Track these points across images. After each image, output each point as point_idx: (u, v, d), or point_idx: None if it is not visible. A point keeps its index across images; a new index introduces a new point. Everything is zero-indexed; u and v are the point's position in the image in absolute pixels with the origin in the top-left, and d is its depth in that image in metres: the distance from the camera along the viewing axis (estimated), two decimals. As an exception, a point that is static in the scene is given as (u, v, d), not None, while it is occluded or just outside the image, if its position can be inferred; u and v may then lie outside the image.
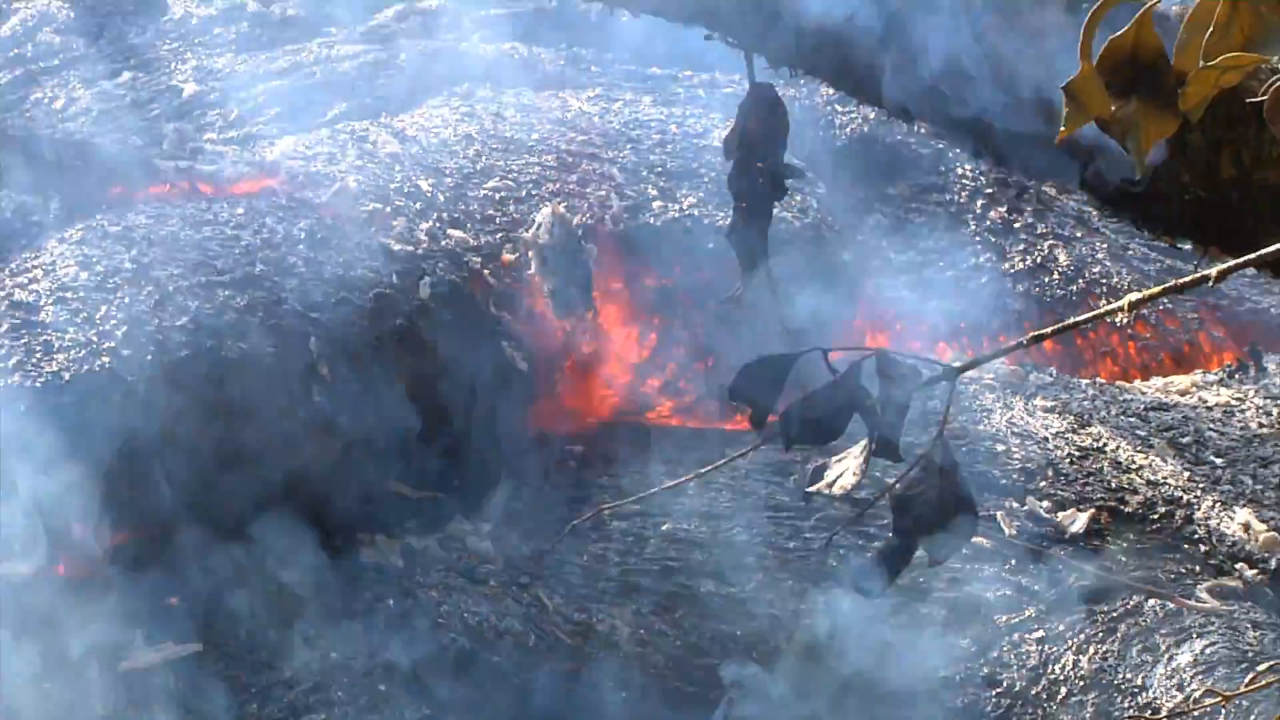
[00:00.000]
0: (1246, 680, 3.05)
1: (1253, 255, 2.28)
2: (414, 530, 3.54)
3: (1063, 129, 2.02)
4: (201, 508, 3.46)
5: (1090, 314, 2.91)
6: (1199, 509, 3.48)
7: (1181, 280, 2.31)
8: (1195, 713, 3.14)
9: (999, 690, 3.20)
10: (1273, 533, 3.49)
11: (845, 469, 2.09)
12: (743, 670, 3.36)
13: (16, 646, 3.31)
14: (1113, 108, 1.99)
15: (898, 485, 2.09)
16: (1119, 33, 2.04)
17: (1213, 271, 2.29)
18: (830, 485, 2.10)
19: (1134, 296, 2.62)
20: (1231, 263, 2.39)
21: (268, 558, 3.45)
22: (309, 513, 3.52)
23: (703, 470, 3.17)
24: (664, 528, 3.45)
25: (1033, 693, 3.19)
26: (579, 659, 3.40)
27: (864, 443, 2.08)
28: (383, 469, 3.63)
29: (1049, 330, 2.45)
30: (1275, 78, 2.03)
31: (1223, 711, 3.09)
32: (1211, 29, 1.96)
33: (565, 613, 3.40)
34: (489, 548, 3.51)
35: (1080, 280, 4.08)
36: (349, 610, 3.42)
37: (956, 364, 2.19)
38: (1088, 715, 3.13)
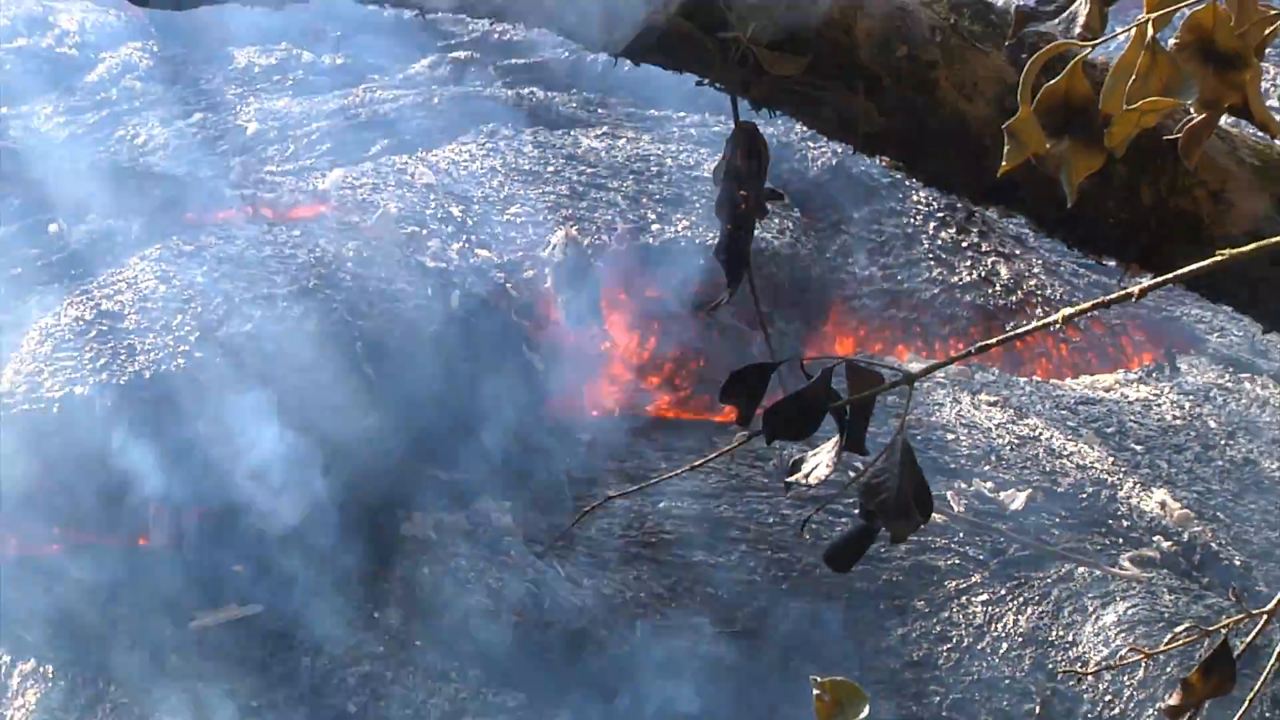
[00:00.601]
0: (1166, 640, 3.06)
1: (1170, 275, 2.30)
2: (445, 507, 3.53)
3: (1005, 164, 2.03)
4: (257, 491, 3.46)
5: (1030, 326, 2.93)
6: (1121, 489, 3.48)
7: (1109, 297, 2.32)
8: (1119, 666, 3.15)
9: (948, 645, 3.20)
10: (1185, 510, 3.50)
11: (819, 461, 2.10)
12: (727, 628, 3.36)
13: (108, 608, 3.31)
14: (1048, 145, 2.00)
15: (864, 475, 2.10)
16: (1054, 80, 2.05)
17: (1134, 290, 2.30)
18: (806, 475, 2.11)
19: (1068, 311, 2.64)
20: (1152, 280, 2.41)
21: (319, 532, 3.44)
22: (354, 492, 3.51)
23: (696, 463, 3.18)
24: (660, 505, 3.45)
25: (979, 647, 3.19)
26: (585, 617, 3.39)
27: (835, 439, 2.09)
28: (418, 454, 3.63)
29: (994, 340, 2.45)
30: (1187, 119, 2.05)
31: (1143, 666, 3.09)
32: (1134, 77, 1.97)
33: (575, 579, 3.40)
34: (510, 522, 3.51)
35: (1019, 291, 4.08)
36: (388, 575, 3.41)
37: (914, 370, 2.20)
38: (1026, 667, 3.13)
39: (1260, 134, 2.48)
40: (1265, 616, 1.98)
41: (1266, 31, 1.98)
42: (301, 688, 3.32)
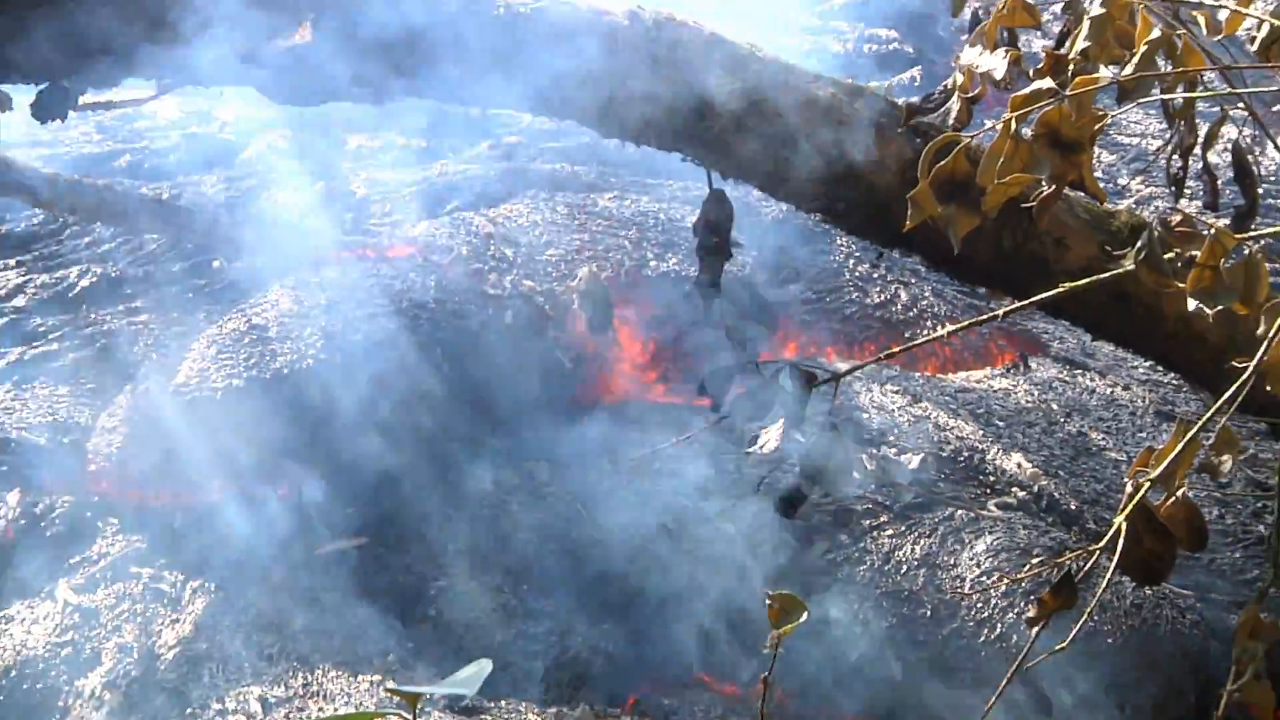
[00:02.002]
0: (1026, 568, 3.05)
1: (1026, 301, 2.28)
2: (500, 465, 3.52)
3: (909, 223, 2.01)
4: (363, 454, 3.46)
5: (924, 339, 2.90)
6: (988, 454, 3.48)
7: (982, 317, 2.30)
8: (989, 585, 3.14)
9: (864, 567, 3.18)
10: (1035, 469, 3.49)
11: (770, 437, 2.10)
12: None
13: (257, 542, 3.32)
14: (940, 209, 1.98)
15: (803, 447, 2.10)
16: (943, 161, 2.03)
17: (1000, 311, 2.28)
18: (761, 447, 2.11)
19: (951, 327, 2.61)
20: (1012, 305, 2.40)
21: (406, 485, 3.44)
22: (433, 451, 3.51)
23: (685, 435, 3.15)
24: (655, 466, 3.43)
25: (886, 568, 3.18)
26: (603, 545, 3.38)
27: (782, 421, 2.09)
28: (479, 426, 3.62)
29: (897, 349, 2.43)
30: (1040, 189, 2.03)
31: (1004, 585, 3.08)
32: (1001, 159, 1.95)
33: (595, 518, 3.39)
34: (547, 476, 3.49)
35: (915, 310, 4.06)
36: (456, 516, 3.40)
37: (840, 369, 2.18)
38: (920, 582, 3.12)
39: (1090, 197, 2.46)
40: (1097, 551, 1.95)
41: (1096, 126, 1.96)
42: (395, 596, 3.32)
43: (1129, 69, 1.99)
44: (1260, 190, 3.85)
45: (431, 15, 2.75)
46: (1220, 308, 1.91)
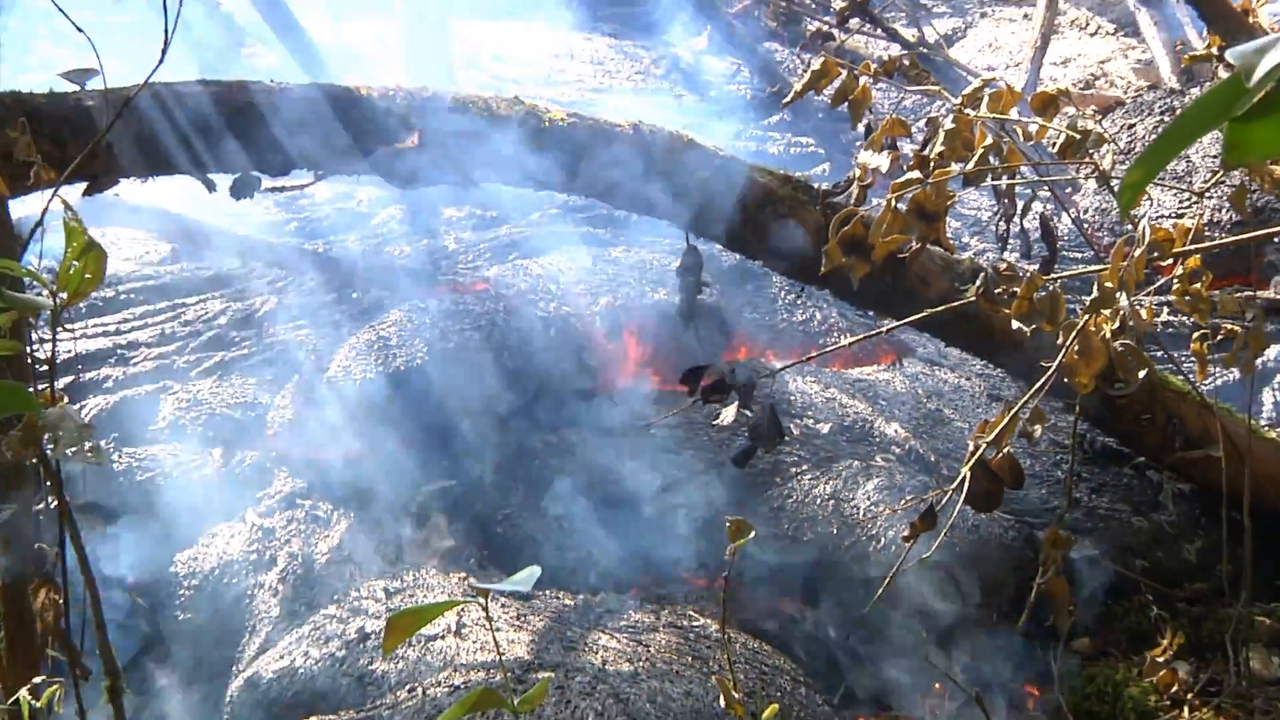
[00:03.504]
0: (902, 501, 3.03)
1: (901, 322, 2.27)
2: (548, 432, 3.52)
3: (823, 269, 2.01)
4: (452, 424, 3.47)
5: (834, 347, 2.90)
6: (875, 423, 3.45)
7: (872, 331, 2.29)
8: (877, 513, 3.12)
9: (792, 501, 3.16)
10: (907, 433, 3.47)
11: (728, 413, 2.09)
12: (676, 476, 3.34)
13: (377, 486, 3.33)
14: (844, 259, 1.98)
15: (751, 419, 2.10)
16: (846, 226, 2.03)
17: (884, 328, 2.27)
18: (723, 419, 2.10)
19: (850, 339, 2.60)
20: (892, 324, 2.39)
21: (479, 445, 3.44)
22: (497, 426, 3.48)
23: (675, 411, 3.14)
24: (651, 432, 3.43)
25: (805, 501, 3.16)
26: (626, 486, 3.39)
27: (736, 402, 2.09)
28: (531, 407, 3.62)
29: (815, 353, 2.42)
30: (911, 245, 2.03)
31: (887, 513, 3.06)
32: (885, 225, 1.95)
33: (610, 468, 3.40)
34: (576, 440, 3.49)
35: (826, 325, 4.04)
36: (517, 469, 3.40)
37: (776, 366, 2.17)
38: (829, 511, 3.10)
39: (944, 250, 2.45)
40: (949, 490, 1.95)
41: (948, 202, 1.95)
42: (473, 521, 3.32)
43: (971, 164, 1.99)
44: (1059, 245, 3.83)
45: (499, 128, 2.75)
46: (1033, 326, 1.90)
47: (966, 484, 1.88)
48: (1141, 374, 1.97)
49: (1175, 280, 2.21)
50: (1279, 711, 2.61)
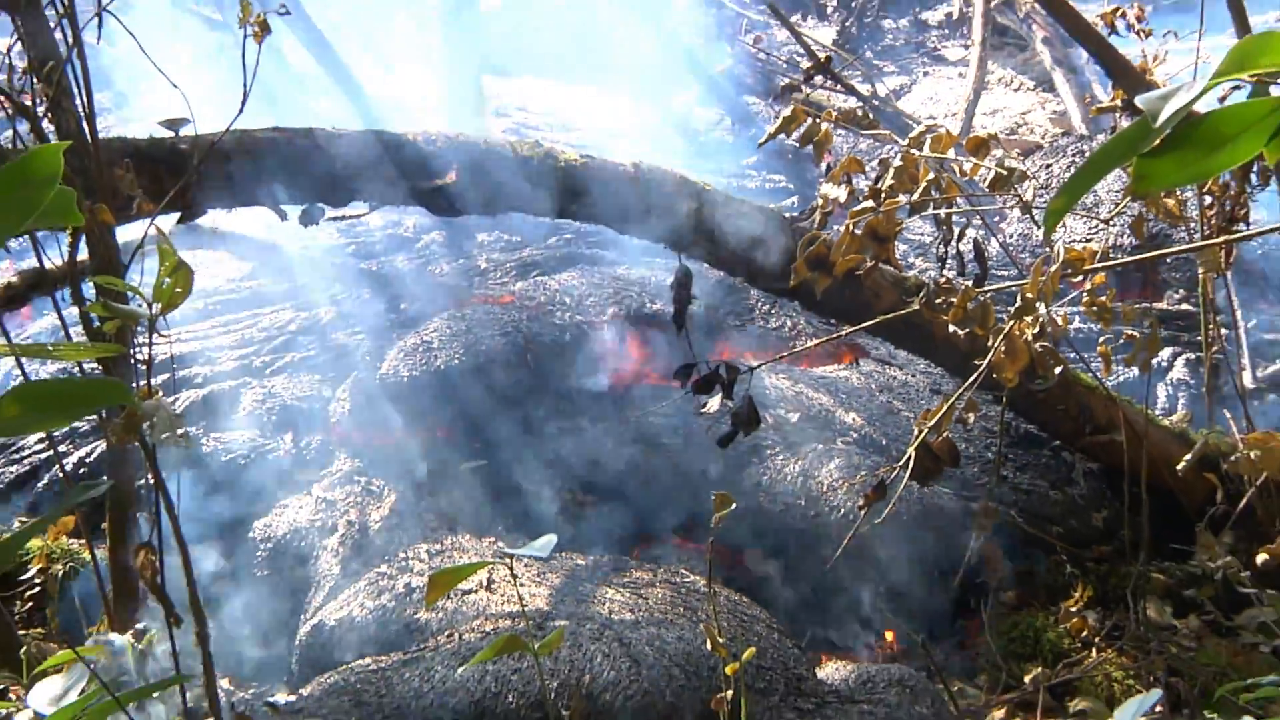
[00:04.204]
0: (858, 476, 3.02)
1: (857, 327, 2.26)
2: (561, 418, 3.50)
3: (792, 282, 2.00)
4: (484, 412, 3.45)
5: (802, 349, 2.89)
6: (836, 412, 3.44)
7: (833, 335, 2.28)
8: (838, 487, 3.10)
9: (766, 477, 3.14)
10: (863, 421, 3.45)
11: (713, 403, 2.09)
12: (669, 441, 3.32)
13: (425, 462, 3.32)
14: (809, 275, 1.98)
15: (732, 408, 2.10)
16: (811, 247, 2.02)
17: (843, 332, 2.27)
18: (709, 409, 2.10)
19: (815, 342, 2.59)
20: (850, 329, 2.38)
21: (506, 430, 3.42)
22: (521, 414, 3.44)
23: (665, 403, 3.13)
24: (649, 419, 3.42)
25: (777, 477, 3.15)
26: (621, 464, 3.37)
27: (720, 394, 2.08)
28: (546, 394, 3.58)
29: (786, 354, 2.42)
30: (865, 263, 2.02)
31: (846, 486, 3.04)
32: (844, 246, 1.94)
33: (615, 449, 3.37)
34: (588, 425, 3.46)
35: (795, 330, 4.02)
36: (535, 447, 3.38)
37: (753, 365, 2.16)
38: (798, 486, 3.09)
39: (894, 268, 2.43)
40: (897, 468, 1.94)
41: (897, 228, 1.93)
42: (502, 494, 3.31)
43: (916, 196, 1.98)
44: (989, 264, 3.81)
45: (523, 169, 2.74)
46: (967, 330, 1.90)
47: (912, 463, 1.87)
48: (1057, 371, 1.96)
49: (1085, 293, 2.20)
50: (1170, 652, 2.61)
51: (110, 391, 0.59)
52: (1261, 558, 2.45)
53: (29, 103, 1.96)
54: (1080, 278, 2.06)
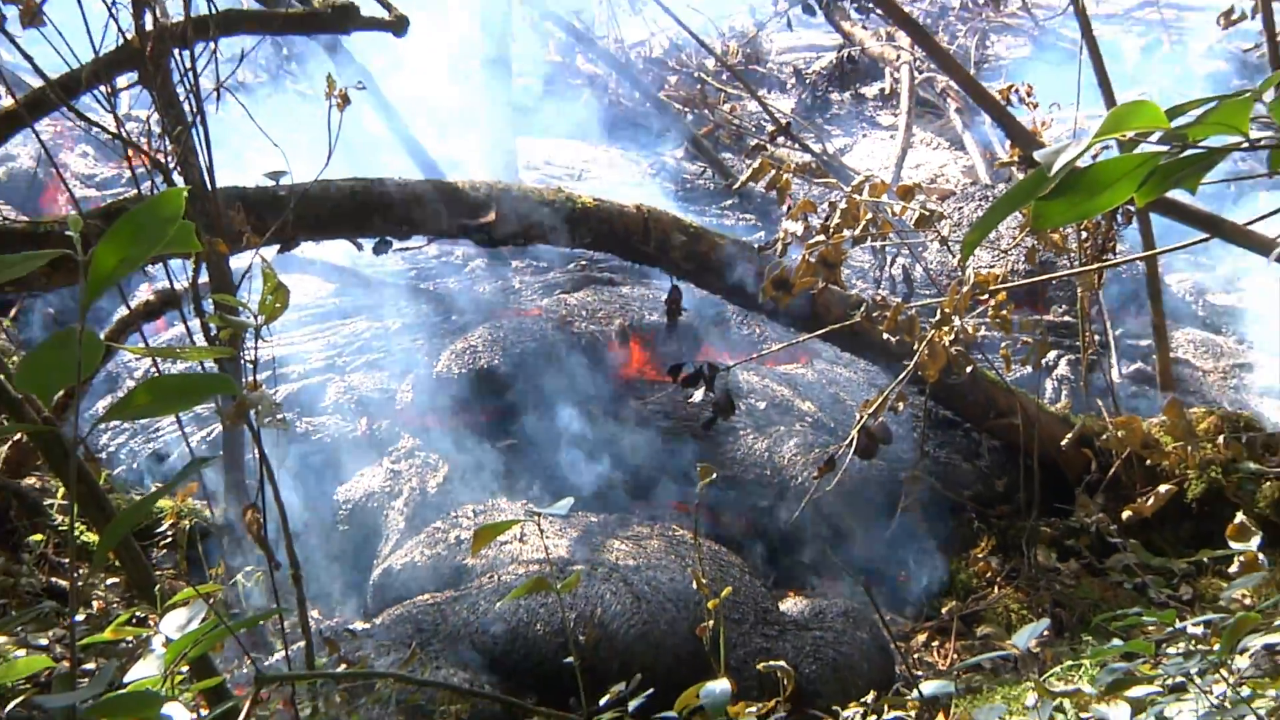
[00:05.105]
0: (813, 452, 3.00)
1: (813, 334, 2.26)
2: (576, 405, 3.42)
3: (761, 299, 2.00)
4: (515, 402, 3.39)
5: (769, 351, 2.88)
6: (795, 401, 3.40)
7: (794, 340, 2.27)
8: (797, 461, 3.07)
9: (741, 452, 3.10)
10: (816, 408, 3.43)
11: (698, 393, 2.08)
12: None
13: (469, 441, 3.28)
14: (774, 293, 1.97)
15: (713, 397, 2.09)
16: (775, 272, 2.01)
17: (801, 339, 2.26)
18: (694, 398, 2.09)
19: (778, 346, 2.58)
20: (807, 335, 2.37)
21: (532, 415, 3.35)
22: (544, 402, 3.29)
23: (659, 394, 3.09)
24: (647, 406, 3.39)
25: (749, 453, 3.11)
26: (624, 442, 3.30)
27: (704, 387, 2.08)
28: (569, 380, 3.47)
29: (755, 355, 2.40)
30: (818, 285, 2.02)
31: (803, 460, 3.02)
32: (801, 271, 1.94)
33: (619, 430, 3.32)
34: (599, 412, 3.41)
35: (763, 336, 3.98)
36: (555, 429, 3.25)
37: (730, 364, 2.15)
38: (765, 460, 3.05)
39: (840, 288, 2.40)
40: (844, 445, 1.93)
41: (843, 256, 1.92)
42: (529, 466, 3.27)
43: (857, 231, 1.98)
44: (915, 285, 3.80)
45: (547, 208, 2.73)
46: (898, 337, 1.89)
47: (855, 442, 1.87)
48: (969, 370, 1.96)
49: (990, 309, 2.20)
50: (1055, 589, 2.61)
51: (222, 384, 0.59)
52: (1126, 514, 2.45)
53: (162, 159, 1.96)
54: (987, 296, 2.06)
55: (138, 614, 2.03)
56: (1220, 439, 2.70)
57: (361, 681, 1.71)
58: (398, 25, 2.66)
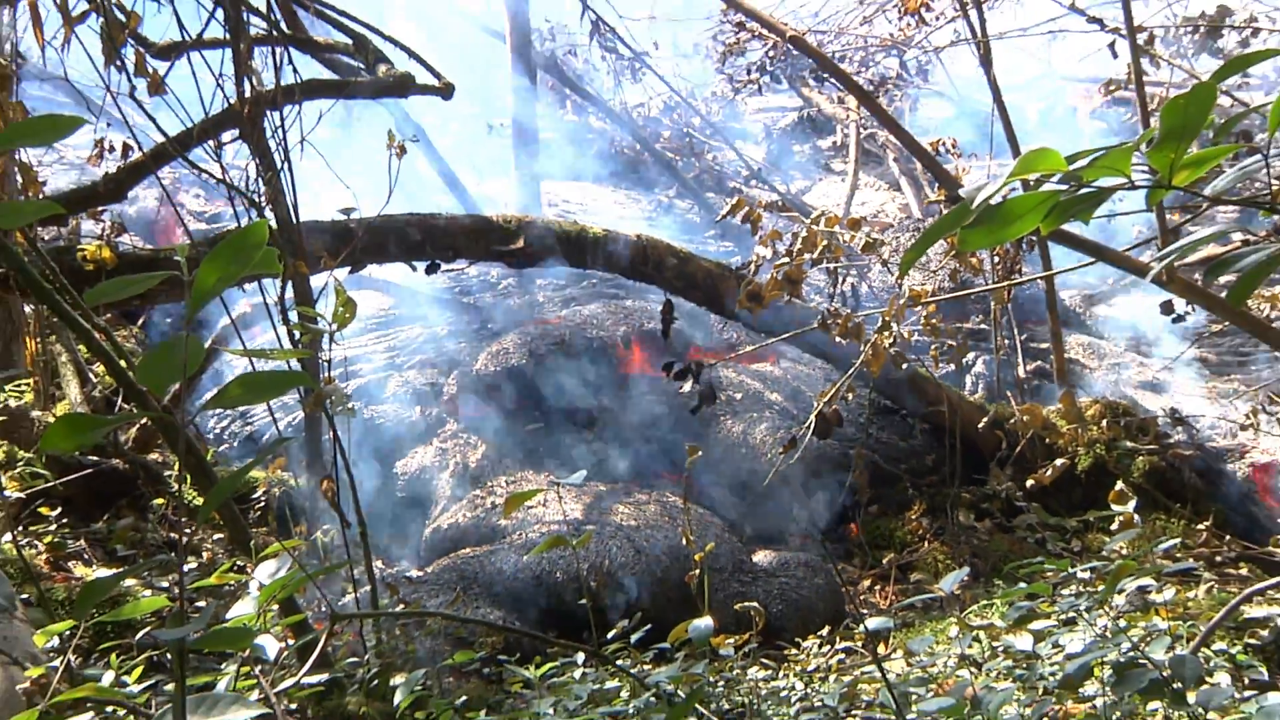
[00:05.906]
0: (778, 434, 2.98)
1: (778, 338, 2.24)
2: (589, 397, 3.35)
3: (735, 309, 1.99)
4: (540, 392, 3.31)
5: (745, 351, 2.85)
6: (766, 392, 3.34)
7: (764, 343, 2.26)
8: (769, 441, 3.03)
9: (732, 438, 3.06)
10: (783, 398, 3.39)
11: (687, 386, 2.07)
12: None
13: (504, 424, 3.24)
14: (748, 304, 1.96)
15: (699, 388, 2.09)
16: (750, 287, 2.00)
17: (769, 341, 2.25)
18: (683, 389, 2.08)
19: (751, 348, 2.56)
20: (774, 339, 2.37)
21: (555, 403, 3.27)
22: (563, 393, 3.24)
23: (660, 385, 3.05)
24: (647, 398, 3.35)
25: (730, 435, 3.08)
26: (628, 426, 3.24)
27: (692, 380, 2.07)
28: (580, 384, 3.45)
29: (733, 355, 2.38)
30: (784, 297, 2.01)
31: (773, 440, 2.98)
32: (770, 285, 1.93)
33: (626, 417, 3.27)
34: (609, 403, 3.36)
35: (740, 339, 3.94)
36: (573, 415, 3.26)
37: (712, 361, 2.14)
38: (740, 440, 3.01)
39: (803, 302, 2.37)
40: (803, 427, 1.92)
41: (803, 275, 1.91)
42: (552, 446, 3.22)
43: (815, 255, 1.97)
44: (861, 298, 3.77)
45: (566, 237, 2.71)
46: (848, 340, 1.88)
47: (813, 425, 1.86)
48: (905, 367, 1.95)
49: (922, 318, 2.19)
50: (973, 543, 2.61)
51: (302, 379, 0.58)
52: (1029, 483, 2.45)
53: (257, 198, 1.96)
54: (919, 307, 2.05)
55: (237, 563, 2.04)
56: (1104, 422, 2.72)
57: (416, 619, 1.71)
58: (446, 90, 2.66)
